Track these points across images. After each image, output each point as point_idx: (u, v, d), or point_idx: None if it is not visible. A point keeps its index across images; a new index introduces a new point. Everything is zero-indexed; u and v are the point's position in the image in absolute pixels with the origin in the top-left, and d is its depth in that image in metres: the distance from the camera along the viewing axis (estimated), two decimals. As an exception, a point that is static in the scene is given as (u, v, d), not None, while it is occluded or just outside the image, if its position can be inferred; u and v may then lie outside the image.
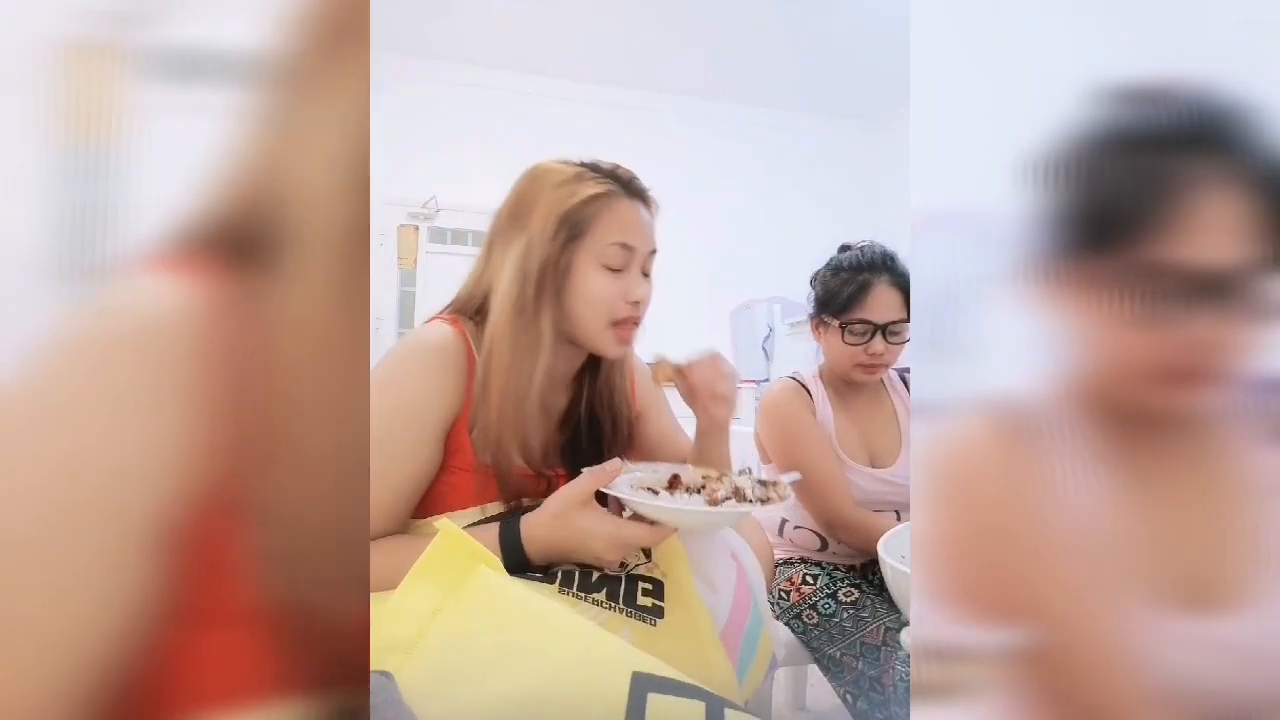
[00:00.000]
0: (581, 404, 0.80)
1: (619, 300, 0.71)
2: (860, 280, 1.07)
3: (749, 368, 3.92)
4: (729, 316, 3.91)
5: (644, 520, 0.64)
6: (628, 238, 0.71)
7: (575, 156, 0.77)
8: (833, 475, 1.07)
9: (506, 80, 3.66)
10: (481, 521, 0.69)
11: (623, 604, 0.62)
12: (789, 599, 1.05)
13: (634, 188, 0.75)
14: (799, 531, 1.14)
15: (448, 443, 0.69)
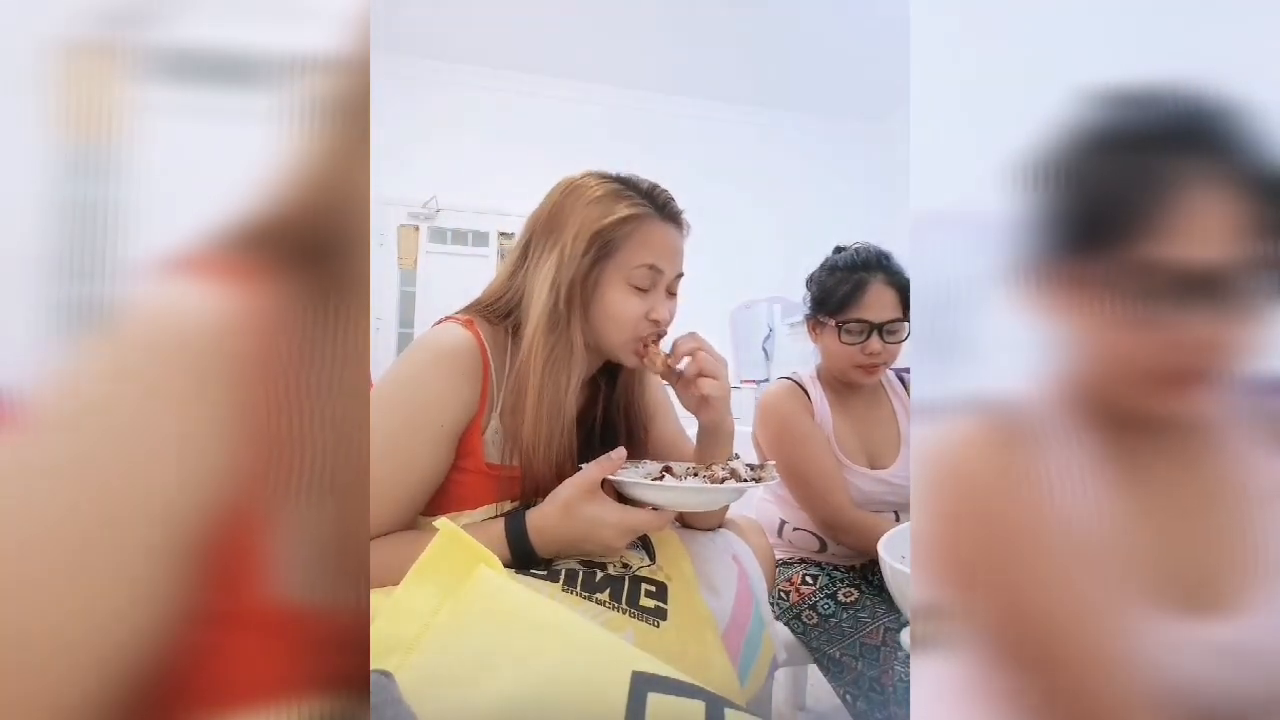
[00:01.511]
0: (598, 407, 0.81)
1: (642, 319, 0.73)
2: (855, 279, 1.06)
3: (749, 368, 3.93)
4: (729, 316, 3.91)
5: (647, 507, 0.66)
6: (657, 260, 0.72)
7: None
8: (831, 476, 1.07)
9: (506, 80, 3.66)
10: (489, 519, 0.70)
11: (626, 605, 0.62)
12: (788, 599, 1.05)
13: (669, 210, 0.76)
14: (798, 533, 1.14)
15: (460, 444, 0.70)
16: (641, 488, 0.65)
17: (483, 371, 0.71)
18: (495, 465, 0.71)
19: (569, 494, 0.64)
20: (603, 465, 0.65)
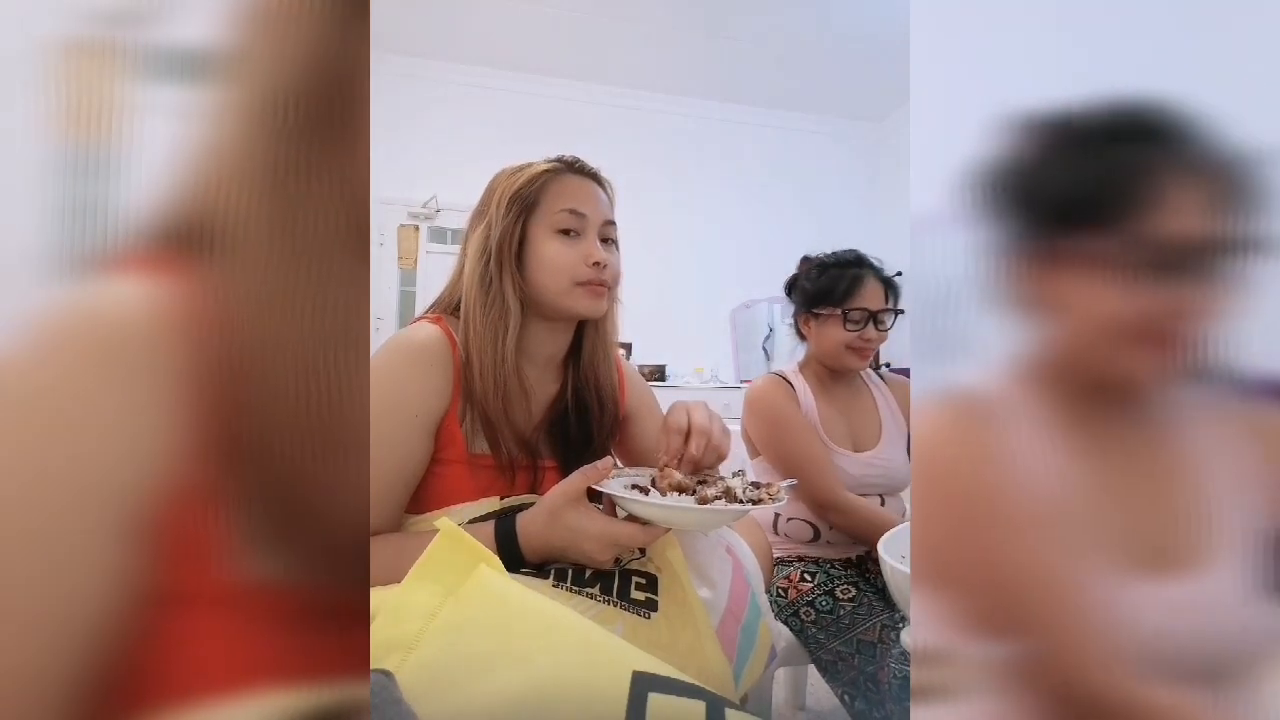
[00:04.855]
0: (568, 390, 0.82)
1: (579, 263, 0.75)
2: (852, 274, 1.18)
3: (749, 368, 3.93)
4: (729, 316, 3.91)
5: (636, 521, 0.64)
6: (577, 205, 0.76)
7: (572, 156, 0.79)
8: (821, 460, 1.13)
9: (506, 80, 3.66)
10: (480, 519, 0.70)
11: (616, 597, 0.62)
12: (786, 596, 1.07)
13: (581, 167, 0.81)
14: (792, 523, 1.17)
15: (438, 435, 0.71)
16: (631, 503, 0.63)
17: (453, 361, 0.72)
18: (479, 454, 0.72)
19: (554, 502, 0.64)
20: (588, 474, 0.64)
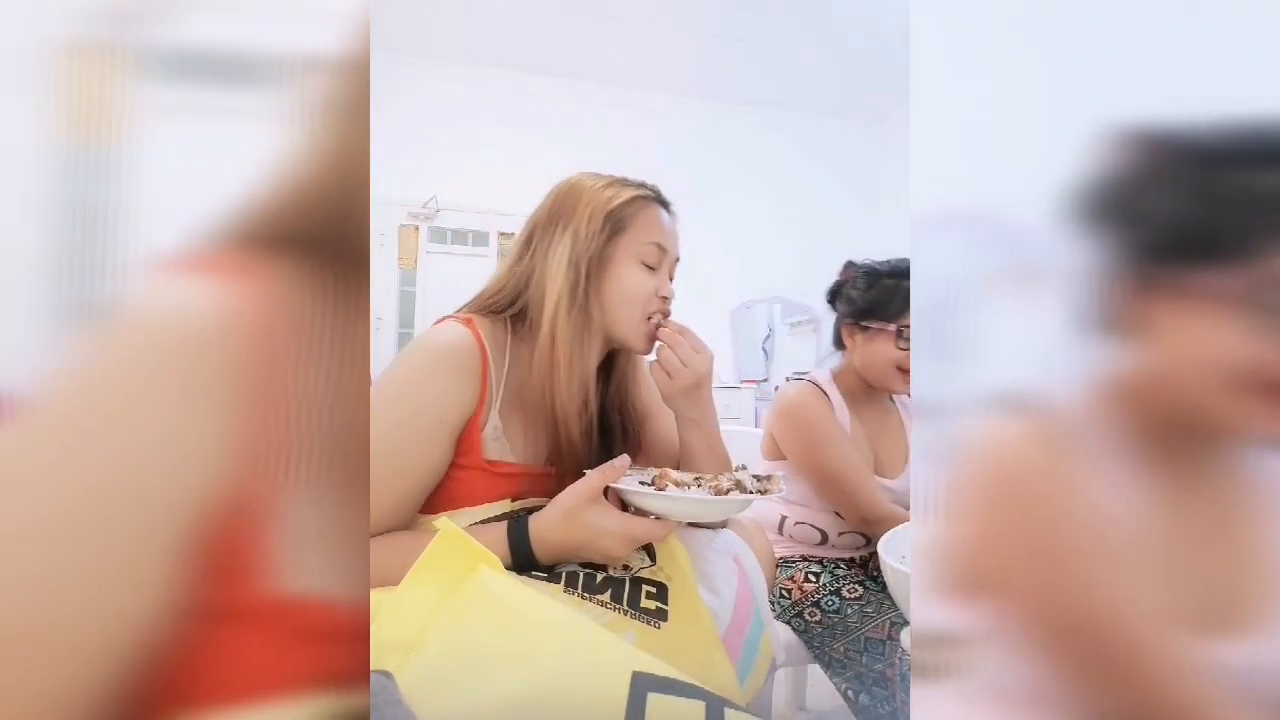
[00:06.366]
0: (594, 404, 0.81)
1: (653, 296, 0.76)
2: (908, 287, 1.08)
3: (749, 368, 3.93)
4: (729, 316, 3.91)
5: (649, 516, 0.65)
6: (662, 239, 0.77)
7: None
8: (864, 474, 1.08)
9: (506, 80, 3.66)
10: (489, 520, 0.70)
11: (627, 606, 0.62)
12: (790, 597, 1.06)
13: (662, 198, 0.82)
14: (799, 527, 1.15)
15: (460, 442, 0.70)
16: (645, 497, 0.65)
17: (481, 368, 0.71)
18: (495, 461, 0.71)
19: (571, 501, 0.64)
20: (605, 473, 0.65)
